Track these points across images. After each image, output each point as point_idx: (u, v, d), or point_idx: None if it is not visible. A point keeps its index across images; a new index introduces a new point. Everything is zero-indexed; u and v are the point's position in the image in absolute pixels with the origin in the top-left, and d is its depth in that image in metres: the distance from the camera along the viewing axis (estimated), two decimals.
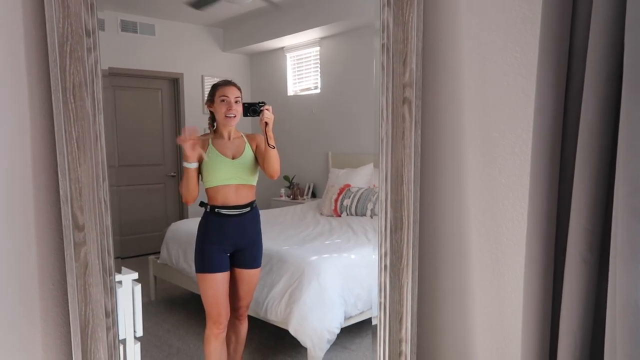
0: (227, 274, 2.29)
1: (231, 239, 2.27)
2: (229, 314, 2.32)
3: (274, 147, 2.18)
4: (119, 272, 1.46)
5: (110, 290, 1.22)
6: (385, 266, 1.37)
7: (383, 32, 1.29)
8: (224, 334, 2.31)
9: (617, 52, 0.94)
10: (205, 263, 2.25)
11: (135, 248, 4.71)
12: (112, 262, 1.22)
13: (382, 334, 1.39)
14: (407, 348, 1.38)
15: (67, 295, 1.20)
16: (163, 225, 4.44)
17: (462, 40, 1.34)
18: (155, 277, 3.89)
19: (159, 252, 3.88)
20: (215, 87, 2.27)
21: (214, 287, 2.24)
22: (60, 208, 1.18)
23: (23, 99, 1.16)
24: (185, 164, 2.16)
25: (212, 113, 2.32)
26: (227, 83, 2.27)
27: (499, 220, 1.31)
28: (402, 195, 1.34)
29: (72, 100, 1.14)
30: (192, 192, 2.19)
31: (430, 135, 1.40)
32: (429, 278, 1.48)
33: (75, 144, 1.15)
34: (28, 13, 1.14)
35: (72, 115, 1.14)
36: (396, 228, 1.35)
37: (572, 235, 1.02)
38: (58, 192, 1.17)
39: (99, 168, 1.18)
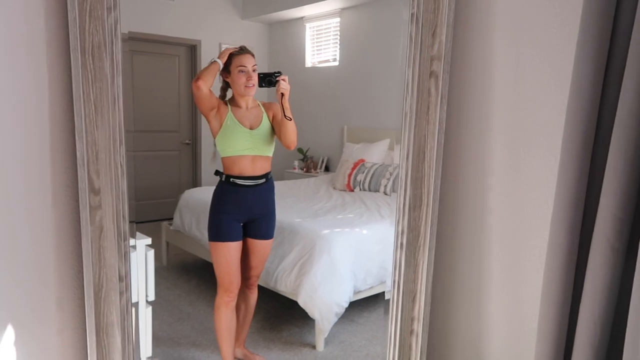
0: (240, 243, 2.29)
1: (246, 209, 2.26)
2: (239, 283, 2.33)
3: (291, 119, 2.14)
4: (133, 237, 1.46)
5: (125, 255, 1.22)
6: (402, 244, 1.34)
7: (413, 0, 1.23)
8: (234, 302, 2.33)
9: None
10: (218, 232, 2.25)
11: (148, 213, 4.75)
12: (127, 227, 1.21)
13: (395, 312, 1.37)
14: (419, 327, 1.37)
15: (81, 259, 1.20)
16: (177, 192, 4.46)
17: (497, 12, 1.27)
18: (167, 243, 3.93)
19: (172, 219, 3.90)
20: (230, 56, 2.20)
21: (227, 256, 2.24)
22: (76, 171, 1.17)
23: (41, 58, 1.14)
24: (216, 59, 2.14)
25: (225, 82, 2.26)
26: (242, 51, 2.20)
27: (523, 202, 1.28)
28: (422, 173, 1.30)
29: (91, 61, 1.12)
30: (208, 80, 2.11)
31: (456, 111, 1.35)
32: (446, 258, 1.46)
33: (93, 106, 1.13)
34: None
35: (90, 77, 1.12)
36: (415, 206, 1.32)
37: (600, 222, 0.98)
38: (75, 154, 1.16)
39: (116, 131, 1.16)
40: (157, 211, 4.71)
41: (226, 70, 2.20)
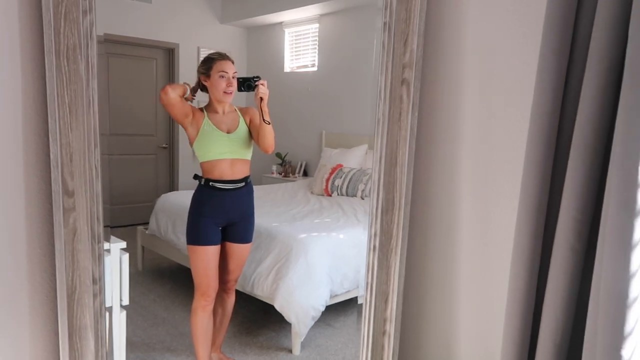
0: (218, 247, 2.29)
1: (225, 213, 2.27)
2: (217, 287, 2.33)
3: (269, 123, 2.16)
4: (108, 240, 1.45)
5: (98, 258, 1.22)
6: (375, 247, 1.37)
7: (386, 9, 1.27)
8: (212, 306, 2.33)
9: (619, 46, 0.94)
10: (197, 235, 2.25)
11: (124, 217, 4.70)
12: (101, 229, 1.21)
13: (368, 313, 1.40)
14: (391, 327, 1.40)
15: (54, 261, 1.20)
16: (153, 196, 4.42)
17: (466, 22, 1.32)
18: (143, 248, 3.89)
19: (148, 223, 3.87)
20: (211, 61, 2.21)
21: (205, 259, 2.24)
22: (50, 173, 1.16)
23: (15, 60, 1.14)
24: (186, 83, 2.20)
25: (202, 85, 2.26)
26: (224, 57, 2.21)
27: (491, 206, 1.32)
28: (394, 177, 1.34)
29: (66, 64, 1.12)
30: (175, 89, 2.13)
31: (427, 117, 1.40)
32: (417, 260, 1.50)
33: (68, 108, 1.13)
34: None
35: (65, 79, 1.12)
36: (387, 209, 1.35)
37: (562, 224, 1.03)
38: (49, 156, 1.16)
39: (90, 134, 1.16)
40: (133, 215, 4.66)
41: (206, 74, 2.21)
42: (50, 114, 1.12)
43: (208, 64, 2.21)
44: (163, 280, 3.67)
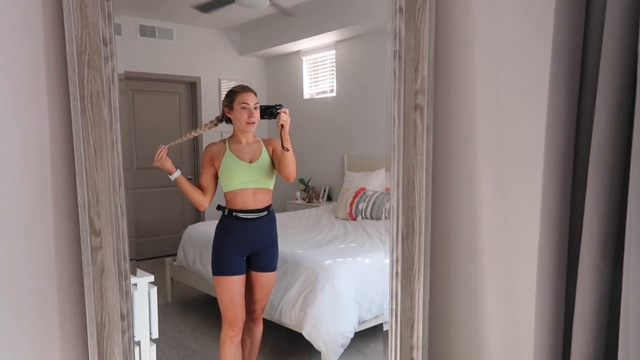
0: (244, 277, 2.31)
1: (248, 243, 2.29)
2: (244, 317, 2.33)
3: (288, 150, 2.19)
4: (134, 274, 1.49)
5: (126, 294, 1.24)
6: (397, 273, 1.37)
7: (395, 38, 1.29)
8: (239, 337, 2.33)
9: (631, 60, 0.93)
10: (222, 266, 2.27)
11: (152, 250, 4.77)
12: (127, 266, 1.24)
13: (394, 341, 1.39)
14: (418, 355, 1.37)
15: (84, 298, 1.23)
16: (180, 228, 4.48)
17: (475, 46, 1.33)
18: (172, 279, 3.94)
19: (176, 254, 3.92)
20: (233, 94, 2.28)
21: (231, 289, 2.26)
22: (77, 213, 1.21)
23: (42, 107, 1.20)
24: (170, 177, 2.30)
25: (226, 117, 2.34)
26: (245, 89, 2.29)
27: (512, 227, 1.31)
28: (413, 202, 1.34)
29: (90, 108, 1.17)
30: (197, 199, 2.31)
31: (442, 141, 1.40)
32: (441, 285, 1.48)
33: (93, 150, 1.18)
34: (48, 23, 1.18)
35: (89, 123, 1.17)
36: (407, 235, 1.35)
37: (585, 244, 1.01)
38: (76, 197, 1.20)
39: (115, 174, 1.20)
40: (161, 247, 4.73)
41: (229, 107, 2.28)
42: (76, 157, 1.17)
43: (231, 97, 2.28)
44: (192, 312, 3.70)
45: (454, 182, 1.42)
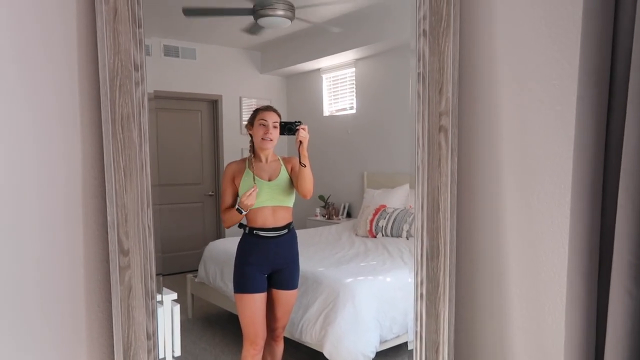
0: (265, 294, 2.32)
1: (269, 260, 2.30)
2: (265, 335, 2.33)
3: (305, 166, 2.21)
4: (160, 292, 1.51)
5: (152, 313, 1.26)
6: (422, 294, 1.36)
7: (419, 61, 1.31)
8: (260, 355, 2.33)
9: None
10: (243, 284, 2.28)
11: (173, 266, 4.81)
12: (154, 285, 1.26)
13: None
14: None
15: (111, 317, 1.25)
16: (201, 244, 4.52)
17: (499, 68, 1.34)
18: (192, 296, 3.96)
19: (197, 270, 3.95)
20: (256, 112, 2.35)
21: (252, 307, 2.26)
22: (107, 233, 1.23)
23: (76, 130, 1.24)
24: (239, 209, 2.28)
25: (251, 136, 2.38)
26: (267, 108, 2.34)
27: (539, 250, 1.29)
28: (438, 223, 1.33)
29: (121, 131, 1.21)
30: (233, 223, 2.34)
31: (467, 163, 1.39)
32: (467, 307, 1.46)
33: (123, 172, 1.21)
34: (82, 49, 1.22)
35: (120, 145, 1.20)
36: (432, 256, 1.34)
37: (616, 269, 0.99)
38: (105, 217, 1.23)
39: (144, 195, 1.23)
40: (182, 263, 4.77)
41: (250, 123, 2.33)
42: (107, 178, 1.20)
43: (253, 115, 2.34)
44: (213, 329, 3.71)
45: (479, 204, 1.41)
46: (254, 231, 2.28)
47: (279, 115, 2.34)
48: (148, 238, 1.24)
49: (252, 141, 2.41)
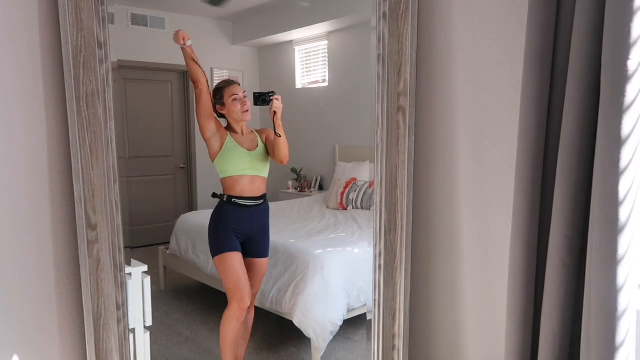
0: (242, 256, 2.36)
1: (245, 228, 2.35)
2: (251, 292, 2.38)
3: (280, 136, 2.24)
4: (129, 264, 1.54)
5: (121, 285, 1.30)
6: (380, 265, 1.44)
7: (379, 42, 1.35)
8: (244, 316, 2.37)
9: (595, 69, 0.99)
10: (222, 244, 2.30)
11: (145, 238, 4.82)
12: (122, 258, 1.30)
13: (377, 329, 1.46)
14: (400, 342, 1.45)
15: (81, 290, 1.29)
16: (173, 216, 4.52)
17: (455, 51, 1.39)
18: (165, 267, 3.99)
19: (169, 243, 3.97)
20: (221, 90, 2.33)
21: (235, 264, 2.29)
22: (74, 208, 1.26)
23: (40, 107, 1.24)
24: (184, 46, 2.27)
25: (221, 115, 2.37)
26: (230, 83, 2.35)
27: (489, 223, 1.38)
28: (396, 199, 1.40)
29: (86, 108, 1.22)
30: (195, 71, 2.25)
31: (423, 141, 1.46)
32: (422, 277, 1.55)
33: (89, 149, 1.23)
34: (44, 27, 1.22)
35: (85, 123, 1.22)
36: (390, 229, 1.42)
37: (553, 241, 1.08)
38: (72, 193, 1.25)
39: (110, 171, 1.25)
40: (154, 235, 4.78)
41: (220, 102, 2.32)
42: (73, 155, 1.22)
43: (219, 94, 2.33)
44: (185, 299, 3.76)
45: (434, 180, 1.49)
46: (233, 199, 2.31)
47: (240, 85, 2.37)
48: (115, 212, 1.27)
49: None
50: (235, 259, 2.30)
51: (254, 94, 2.30)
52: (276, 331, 3.18)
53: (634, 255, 0.96)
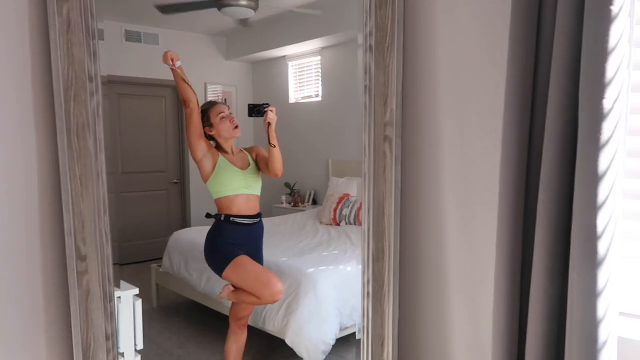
0: None
1: (242, 246, 2.35)
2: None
3: (275, 146, 2.25)
4: (118, 286, 1.53)
5: (111, 315, 1.31)
6: (368, 293, 1.45)
7: (365, 74, 1.37)
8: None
9: (573, 109, 1.02)
10: (230, 252, 2.30)
11: (137, 254, 4.78)
12: (112, 288, 1.31)
13: (366, 356, 1.47)
14: None
15: (70, 320, 1.29)
16: (166, 232, 4.50)
17: (439, 81, 1.42)
18: (157, 285, 3.97)
19: (161, 259, 3.95)
20: (206, 111, 2.33)
21: (251, 264, 2.30)
22: (64, 239, 1.27)
23: (30, 139, 1.26)
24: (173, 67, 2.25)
25: (210, 137, 2.38)
26: (214, 103, 2.37)
27: (476, 252, 1.40)
28: (383, 227, 1.42)
29: (76, 140, 1.23)
30: (186, 90, 2.23)
31: (410, 170, 1.48)
32: (410, 304, 1.57)
33: (79, 181, 1.24)
34: (36, 60, 1.23)
35: (75, 155, 1.23)
36: (378, 257, 1.43)
37: (536, 271, 1.10)
38: (62, 224, 1.26)
39: (100, 202, 1.26)
40: (146, 251, 4.74)
41: (208, 124, 2.32)
42: (63, 187, 1.23)
43: (205, 115, 2.32)
44: (177, 317, 3.75)
45: (421, 209, 1.51)
46: (231, 218, 2.31)
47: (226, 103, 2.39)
48: (105, 244, 1.28)
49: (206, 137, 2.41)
50: (250, 260, 2.30)
51: (249, 105, 2.31)
52: (268, 350, 3.17)
53: (614, 286, 0.98)
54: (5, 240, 1.26)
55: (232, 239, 2.32)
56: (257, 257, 2.45)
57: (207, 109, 2.35)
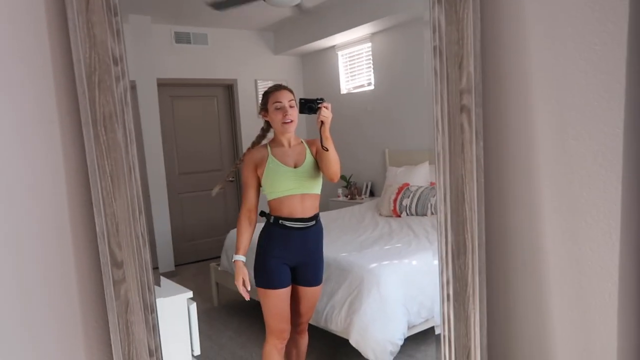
0: (289, 288, 2.20)
1: (294, 254, 2.16)
2: (290, 329, 2.23)
3: (327, 150, 2.03)
4: (159, 287, 1.39)
5: (153, 328, 1.16)
6: (449, 295, 1.22)
7: (434, 32, 1.14)
8: (284, 346, 2.24)
9: None
10: (268, 278, 2.15)
11: (197, 253, 4.82)
12: (153, 298, 1.16)
13: None
14: None
15: (109, 334, 1.16)
16: (223, 231, 4.49)
17: (529, 36, 1.15)
18: (217, 284, 3.92)
19: (220, 257, 3.91)
20: (266, 95, 2.15)
21: (276, 303, 2.15)
22: (97, 244, 1.13)
23: (55, 133, 1.12)
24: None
25: (266, 123, 2.22)
26: (278, 87, 2.15)
27: (582, 241, 1.13)
28: (464, 216, 1.18)
29: (104, 132, 1.09)
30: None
31: (494, 147, 1.23)
32: (500, 308, 1.31)
33: (109, 178, 1.09)
34: (55, 45, 1.10)
35: (104, 148, 1.09)
36: (459, 253, 1.20)
37: None
38: (95, 228, 1.12)
39: (134, 202, 1.11)
40: (206, 250, 4.77)
41: (264, 109, 2.15)
42: (92, 185, 1.09)
43: (264, 99, 2.15)
44: (239, 316, 3.66)
45: (510, 193, 1.25)
46: (280, 221, 2.13)
47: (292, 92, 2.16)
48: (143, 248, 1.13)
49: (263, 128, 2.26)
50: (278, 296, 2.14)
51: (300, 99, 2.04)
52: (332, 350, 3.01)
53: None
54: (35, 245, 1.14)
55: (280, 250, 2.13)
56: (315, 264, 2.23)
57: (268, 92, 2.16)
